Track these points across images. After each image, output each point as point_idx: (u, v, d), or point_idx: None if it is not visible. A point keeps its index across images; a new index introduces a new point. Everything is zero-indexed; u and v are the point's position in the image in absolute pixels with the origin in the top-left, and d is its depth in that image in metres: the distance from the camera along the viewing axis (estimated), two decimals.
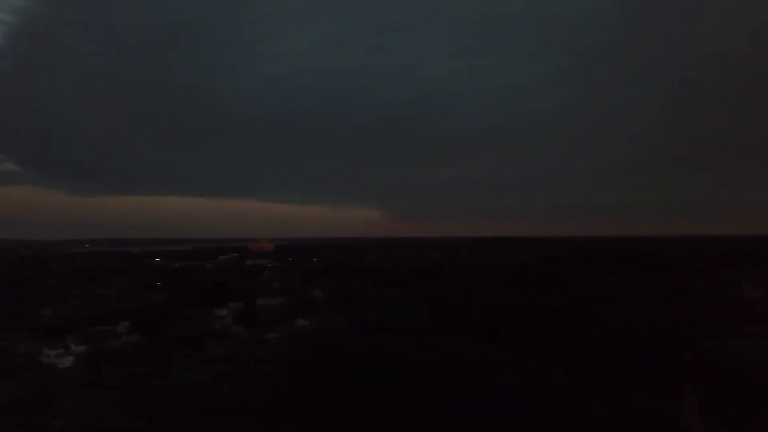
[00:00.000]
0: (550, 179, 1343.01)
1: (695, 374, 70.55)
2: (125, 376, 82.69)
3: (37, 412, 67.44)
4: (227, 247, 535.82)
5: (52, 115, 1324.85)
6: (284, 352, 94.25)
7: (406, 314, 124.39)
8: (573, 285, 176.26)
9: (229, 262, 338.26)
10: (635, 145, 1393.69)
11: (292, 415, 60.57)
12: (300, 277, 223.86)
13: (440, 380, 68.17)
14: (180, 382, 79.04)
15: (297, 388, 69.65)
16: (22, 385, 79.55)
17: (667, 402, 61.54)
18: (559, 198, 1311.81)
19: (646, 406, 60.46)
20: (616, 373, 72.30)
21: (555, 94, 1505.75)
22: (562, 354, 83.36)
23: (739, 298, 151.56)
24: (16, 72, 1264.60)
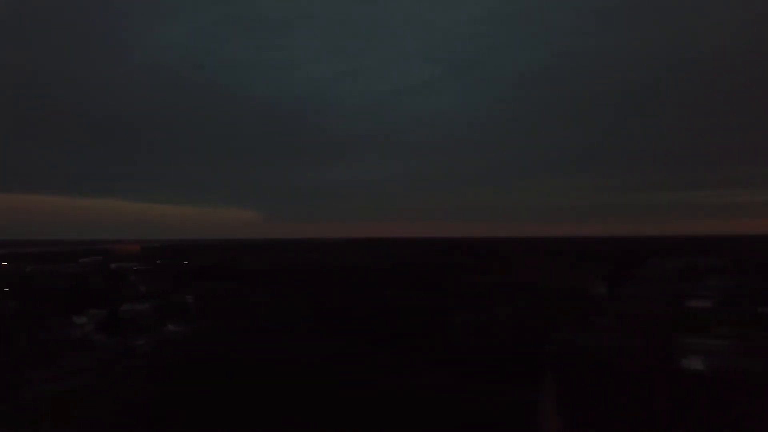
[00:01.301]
0: (426, 182, 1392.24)
1: (552, 364, 77.09)
2: None
3: None
4: (89, 249, 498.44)
5: None
6: (153, 360, 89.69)
7: (285, 316, 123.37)
8: (447, 284, 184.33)
9: (90, 265, 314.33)
10: (506, 151, 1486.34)
11: (163, 426, 57.99)
12: (170, 280, 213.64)
13: (320, 382, 68.64)
14: (35, 397, 72.52)
15: (167, 397, 66.72)
16: None
17: (528, 390, 66.68)
18: (434, 200, 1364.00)
19: (510, 395, 65.00)
20: (485, 365, 76.98)
21: (431, 100, 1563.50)
22: (436, 350, 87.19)
23: (589, 295, 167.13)
24: None
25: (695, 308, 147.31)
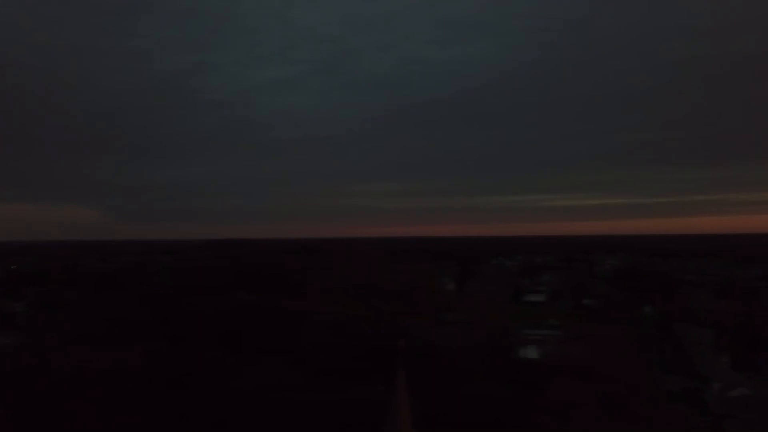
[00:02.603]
0: (278, 181, 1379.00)
1: (403, 360, 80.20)
2: None
3: None
4: None
5: None
6: None
7: (128, 322, 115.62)
8: (299, 284, 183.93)
9: None
10: (356, 153, 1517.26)
11: None
12: None
13: (166, 390, 65.68)
14: None
15: None
16: None
17: (381, 388, 68.87)
18: (286, 200, 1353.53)
19: (364, 393, 66.69)
20: (337, 364, 78.31)
21: (284, 99, 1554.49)
22: (290, 351, 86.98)
23: (439, 292, 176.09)
24: None
25: (531, 302, 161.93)
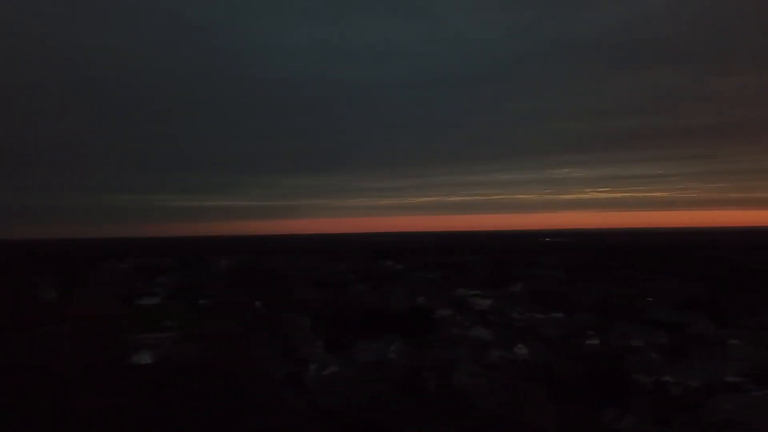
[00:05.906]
0: None
1: None
2: None
3: None
4: None
5: None
6: None
7: None
8: None
9: None
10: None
11: None
12: None
13: None
14: None
15: None
16: None
17: None
18: None
19: None
20: None
21: None
22: None
23: (36, 300, 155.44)
24: None
25: (146, 305, 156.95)
